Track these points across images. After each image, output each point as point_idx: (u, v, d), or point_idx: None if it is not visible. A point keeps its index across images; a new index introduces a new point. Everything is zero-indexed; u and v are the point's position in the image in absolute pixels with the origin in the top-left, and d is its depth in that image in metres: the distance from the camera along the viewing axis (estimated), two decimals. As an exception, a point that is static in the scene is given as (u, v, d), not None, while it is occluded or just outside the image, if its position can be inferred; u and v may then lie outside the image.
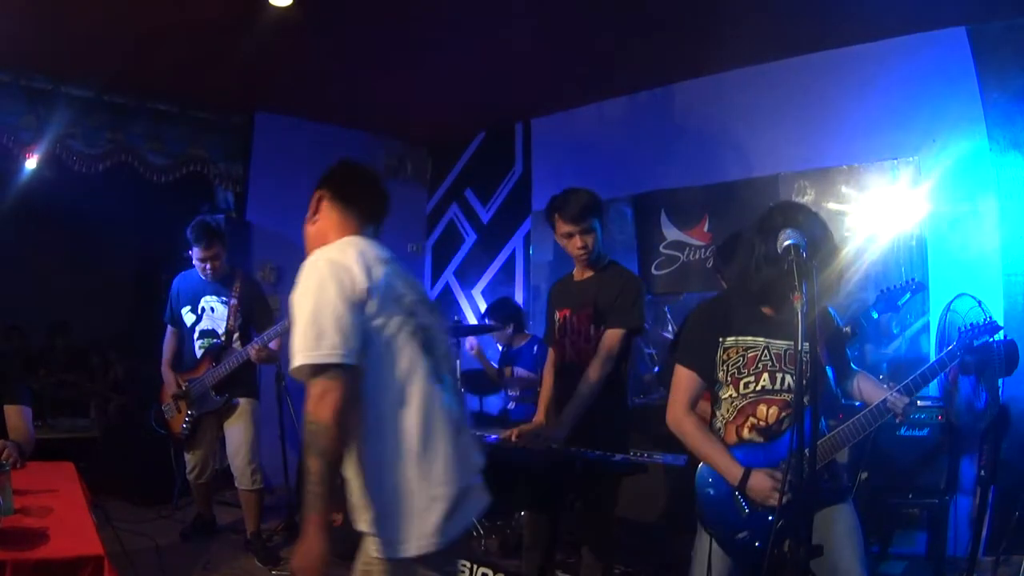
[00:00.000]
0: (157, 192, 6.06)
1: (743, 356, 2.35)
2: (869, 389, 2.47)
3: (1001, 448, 3.59)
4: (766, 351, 2.33)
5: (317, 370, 1.73)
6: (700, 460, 2.39)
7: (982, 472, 3.62)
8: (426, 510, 1.81)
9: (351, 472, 1.86)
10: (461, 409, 1.99)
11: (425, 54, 5.19)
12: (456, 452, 1.87)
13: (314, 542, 1.71)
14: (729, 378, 2.36)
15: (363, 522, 1.85)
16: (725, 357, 2.37)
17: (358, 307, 1.79)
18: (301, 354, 1.74)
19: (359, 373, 1.78)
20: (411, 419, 1.83)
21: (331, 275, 1.80)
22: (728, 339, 2.37)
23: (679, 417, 2.40)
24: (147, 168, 5.94)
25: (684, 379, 2.42)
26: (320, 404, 1.71)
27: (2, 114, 5.35)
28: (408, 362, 1.85)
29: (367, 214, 2.09)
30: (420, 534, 1.80)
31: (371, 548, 1.82)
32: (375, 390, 1.83)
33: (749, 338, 2.36)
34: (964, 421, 3.82)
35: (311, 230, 2.12)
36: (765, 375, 2.32)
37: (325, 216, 2.09)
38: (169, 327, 4.56)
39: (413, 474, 1.81)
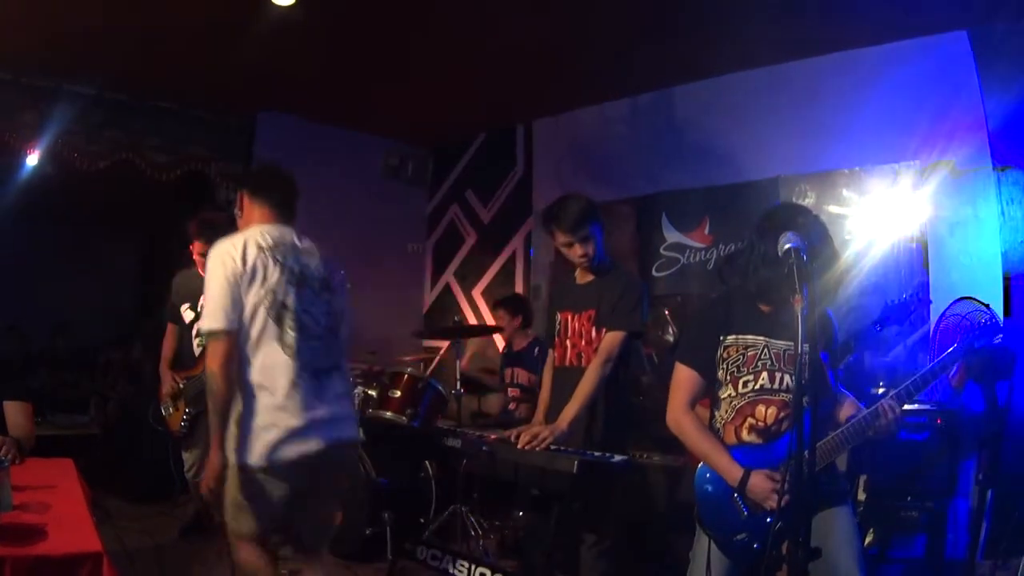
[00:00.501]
0: (158, 190, 6.07)
1: (743, 355, 2.35)
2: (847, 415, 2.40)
3: (1000, 451, 3.59)
4: (766, 350, 2.33)
5: (209, 334, 2.44)
6: (699, 460, 2.39)
7: (980, 475, 3.62)
8: (263, 433, 2.44)
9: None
10: (309, 367, 2.54)
11: (426, 55, 5.20)
12: (293, 397, 2.48)
13: (214, 457, 2.46)
14: (728, 377, 2.36)
15: (228, 448, 2.47)
16: (725, 355, 2.37)
17: (235, 285, 2.46)
18: (202, 323, 2.49)
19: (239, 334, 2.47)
20: (256, 369, 2.49)
21: (219, 262, 2.49)
22: (728, 337, 2.37)
23: (678, 416, 2.40)
24: (148, 166, 5.95)
25: (684, 378, 2.42)
26: (211, 358, 2.43)
27: (4, 111, 5.36)
28: (260, 327, 2.49)
29: (277, 202, 2.73)
30: (258, 450, 2.43)
31: (229, 459, 2.46)
32: (242, 347, 2.48)
33: (749, 336, 2.36)
34: (966, 424, 3.82)
35: (239, 222, 2.76)
36: (764, 374, 2.32)
37: (246, 210, 2.75)
38: (170, 325, 4.55)
39: (255, 407, 2.46)
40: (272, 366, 2.49)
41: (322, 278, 2.69)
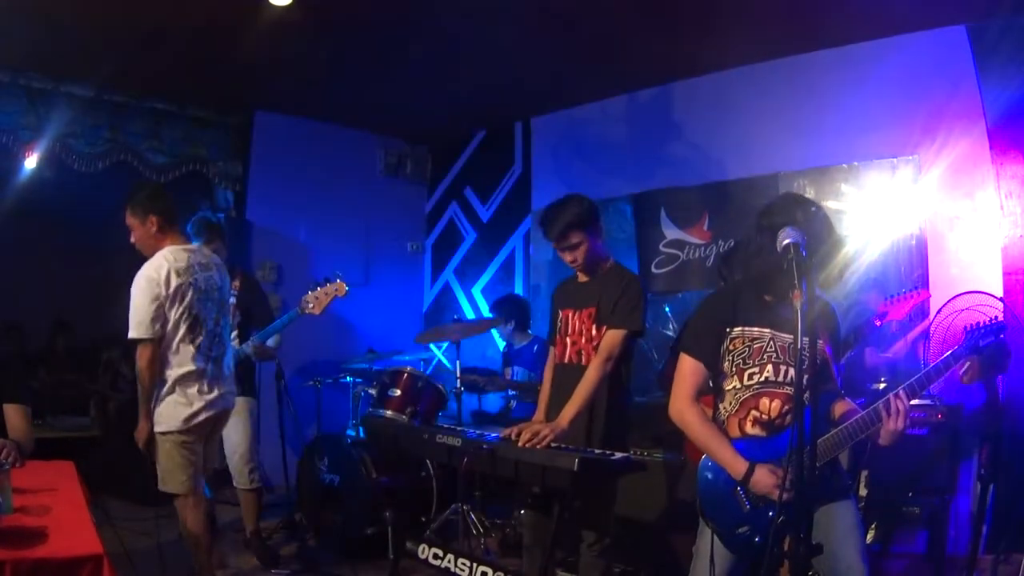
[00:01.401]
0: (157, 191, 6.05)
1: (749, 347, 2.34)
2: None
3: (1001, 447, 3.59)
4: (771, 343, 2.32)
5: (139, 341, 3.27)
6: (700, 454, 2.39)
7: (982, 471, 3.61)
8: (183, 408, 3.32)
9: None
10: (209, 357, 3.40)
11: (425, 53, 5.19)
12: (200, 382, 3.36)
13: (143, 424, 3.34)
14: (734, 368, 2.35)
15: (159, 423, 3.34)
16: (731, 347, 2.36)
17: (160, 305, 3.26)
18: (130, 331, 3.28)
19: (161, 338, 3.30)
20: (173, 365, 3.32)
21: (146, 283, 3.28)
22: (735, 329, 2.36)
23: (682, 408, 2.38)
24: (146, 167, 5.94)
25: (689, 369, 2.40)
26: (140, 359, 3.28)
27: (2, 113, 5.35)
28: (179, 335, 3.33)
29: (181, 225, 3.59)
30: (179, 419, 3.32)
31: (159, 429, 3.34)
32: (163, 349, 3.31)
33: (755, 329, 2.34)
34: (967, 420, 3.81)
35: (149, 242, 3.42)
36: (769, 367, 2.31)
37: (159, 234, 3.40)
38: None
39: (175, 392, 3.32)
40: (184, 362, 3.33)
41: (219, 286, 3.52)
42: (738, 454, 2.27)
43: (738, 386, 2.35)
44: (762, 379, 2.32)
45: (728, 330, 2.37)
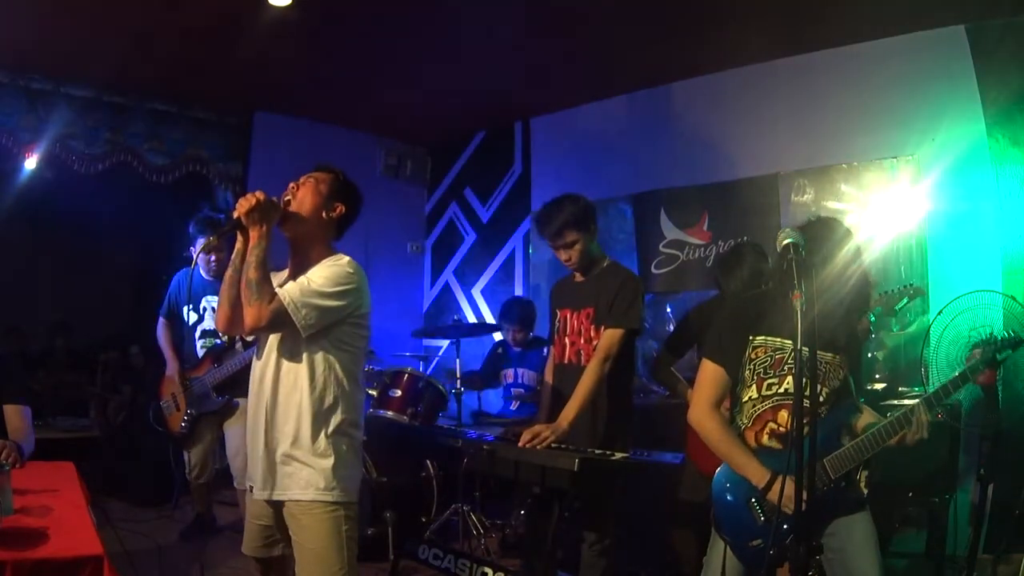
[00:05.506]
0: (156, 192, 6.06)
1: (771, 356, 2.32)
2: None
3: (1001, 446, 3.58)
4: (793, 354, 2.31)
5: None
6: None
7: (982, 471, 3.61)
8: None
9: None
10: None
11: (424, 53, 5.19)
12: None
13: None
14: (754, 377, 2.33)
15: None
16: (753, 356, 2.33)
17: None
18: None
19: None
20: None
21: None
22: (758, 338, 2.33)
23: (703, 415, 2.34)
24: (146, 168, 5.94)
25: (711, 375, 2.37)
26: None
27: (2, 114, 5.35)
28: None
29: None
30: None
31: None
32: None
33: (778, 339, 2.32)
34: (967, 419, 3.81)
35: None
36: (789, 378, 2.28)
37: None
38: (162, 319, 4.52)
39: None
40: None
41: None
42: (760, 463, 2.24)
43: (755, 396, 2.33)
44: (781, 390, 2.30)
45: (751, 338, 2.34)
